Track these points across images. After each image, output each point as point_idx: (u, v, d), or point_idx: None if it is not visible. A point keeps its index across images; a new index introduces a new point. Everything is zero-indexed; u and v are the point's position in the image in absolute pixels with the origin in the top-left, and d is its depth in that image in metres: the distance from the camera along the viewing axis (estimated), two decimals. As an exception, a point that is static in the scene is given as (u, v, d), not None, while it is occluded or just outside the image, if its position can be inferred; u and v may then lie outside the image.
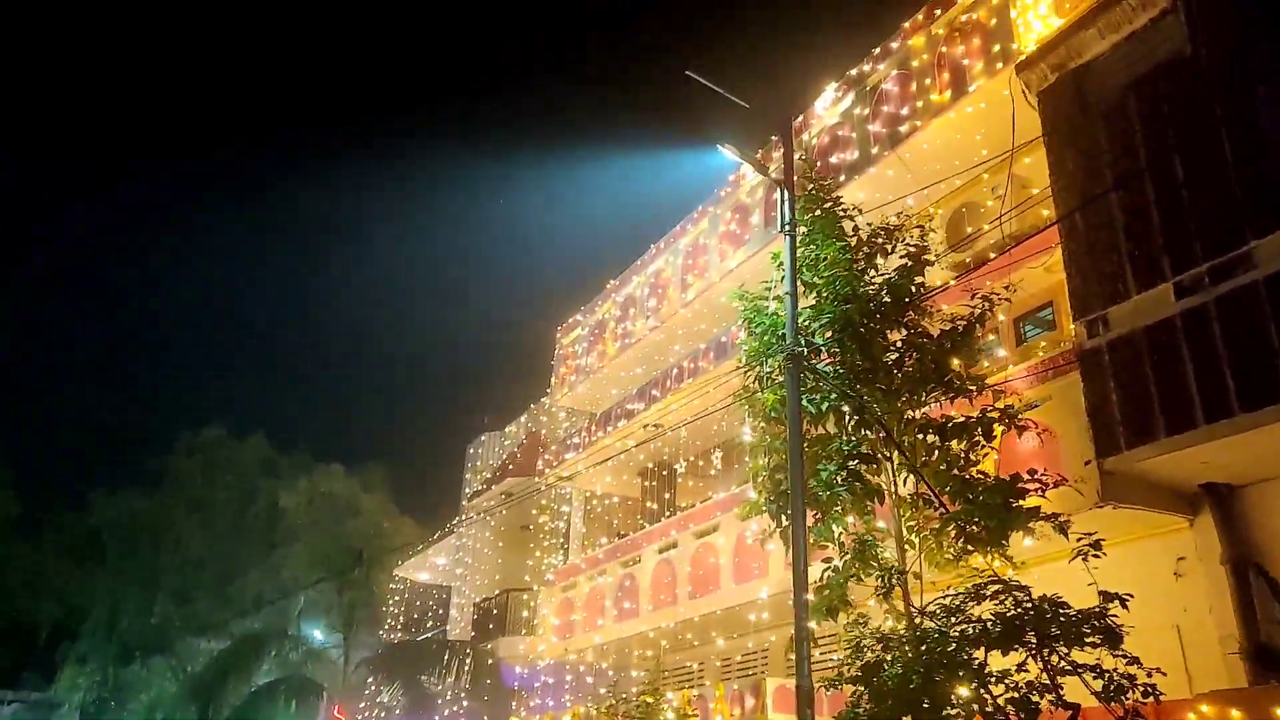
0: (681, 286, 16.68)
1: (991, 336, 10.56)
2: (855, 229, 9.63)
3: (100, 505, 28.22)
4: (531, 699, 20.62)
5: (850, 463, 8.38)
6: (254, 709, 22.54)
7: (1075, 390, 9.28)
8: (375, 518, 27.79)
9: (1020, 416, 8.53)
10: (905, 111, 12.25)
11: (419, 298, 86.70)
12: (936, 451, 8.66)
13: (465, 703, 23.35)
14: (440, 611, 30.76)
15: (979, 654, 6.54)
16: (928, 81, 12.02)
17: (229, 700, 23.10)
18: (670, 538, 15.32)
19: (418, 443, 71.77)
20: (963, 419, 8.64)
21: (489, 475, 26.64)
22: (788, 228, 8.71)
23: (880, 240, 9.49)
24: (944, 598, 7.04)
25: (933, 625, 6.72)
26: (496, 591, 23.84)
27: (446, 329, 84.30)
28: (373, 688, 24.45)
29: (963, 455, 8.61)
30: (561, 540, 21.89)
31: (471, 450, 29.89)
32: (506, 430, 28.22)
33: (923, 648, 6.55)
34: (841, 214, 9.53)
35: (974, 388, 8.71)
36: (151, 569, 26.70)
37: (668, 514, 17.38)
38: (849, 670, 7.24)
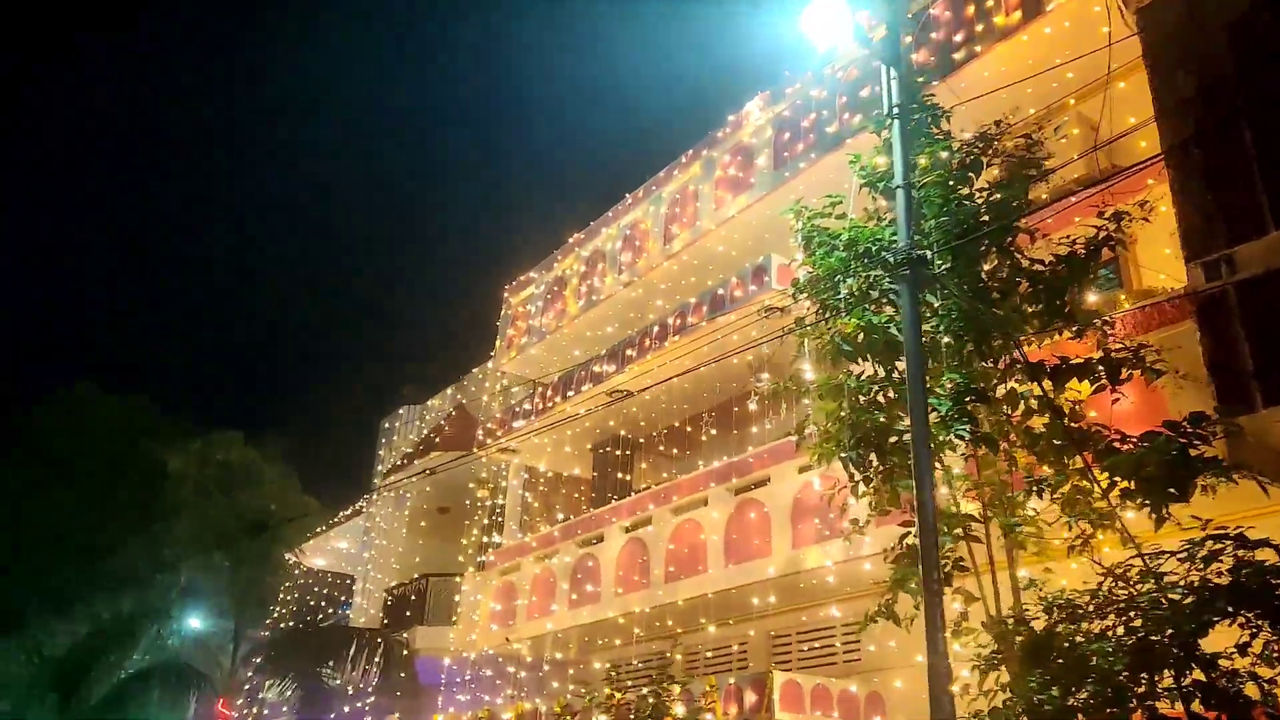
0: (664, 238, 14.98)
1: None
2: (948, 134, 8.13)
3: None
4: (457, 694, 18.48)
5: (968, 400, 6.82)
6: (122, 700, 19.64)
7: (1181, 340, 7.99)
8: (277, 490, 24.98)
9: (1155, 360, 7.14)
10: (960, 38, 10.88)
11: (332, 256, 79.46)
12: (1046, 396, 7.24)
13: (373, 698, 21.00)
14: (341, 599, 28.14)
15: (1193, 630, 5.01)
16: (989, 4, 10.68)
17: (94, 690, 20.14)
18: (644, 513, 13.56)
19: (324, 415, 65.35)
20: (1082, 360, 7.23)
21: (408, 450, 24.33)
22: (896, 110, 7.10)
23: (978, 150, 8.01)
24: (1134, 559, 5.51)
25: (1143, 590, 5.17)
26: (415, 576, 21.59)
27: (363, 292, 77.40)
28: (262, 679, 21.78)
29: (1073, 404, 7.21)
30: (494, 521, 19.83)
31: (386, 424, 27.46)
32: (429, 403, 25.94)
33: (1133, 616, 4.99)
34: (940, 114, 8.01)
35: (1099, 323, 7.29)
36: (3, 537, 23.13)
37: (614, 497, 15.63)
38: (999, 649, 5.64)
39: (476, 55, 75.08)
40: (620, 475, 16.34)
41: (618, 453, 16.30)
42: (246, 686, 22.03)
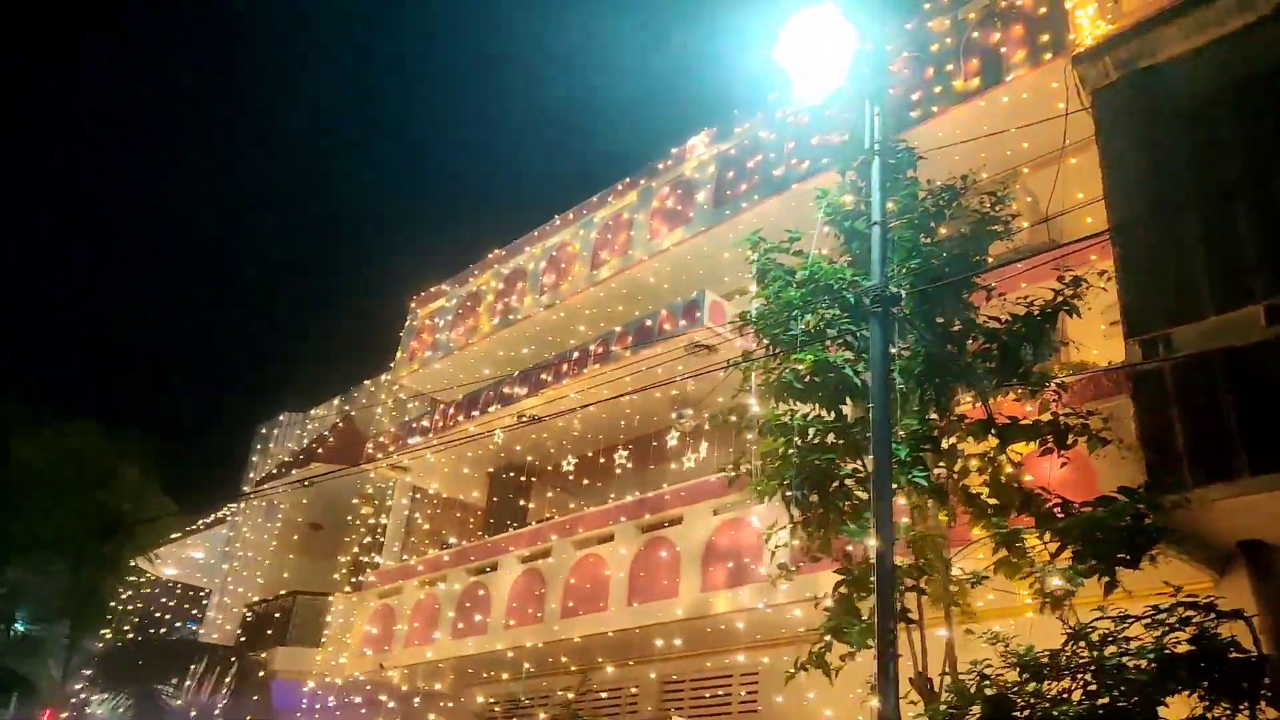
0: (592, 263, 14.63)
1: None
2: (914, 181, 8.08)
3: None
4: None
5: (923, 447, 6.65)
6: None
7: (1116, 413, 8.08)
8: (133, 490, 23.26)
9: (1101, 428, 7.16)
10: (917, 97, 11.00)
11: (224, 244, 73.62)
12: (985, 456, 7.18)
13: (220, 720, 19.51)
14: (191, 613, 26.27)
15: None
16: (949, 67, 10.84)
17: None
18: (545, 544, 13.00)
19: (194, 415, 60.27)
20: (1030, 421, 7.21)
21: (286, 459, 23.05)
22: (877, 146, 6.96)
23: (943, 202, 7.98)
24: (1098, 621, 5.36)
25: (1107, 654, 5.00)
26: (281, 593, 20.27)
27: (251, 288, 72.23)
28: (93, 693, 20.10)
29: (1014, 465, 7.17)
30: (375, 541, 18.82)
31: (264, 430, 26.02)
32: (312, 413, 24.74)
33: (1091, 680, 4.81)
34: (915, 156, 7.96)
35: (1055, 384, 7.28)
36: None
37: (512, 525, 15.04)
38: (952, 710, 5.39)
39: (413, 59, 72.98)
40: (520, 503, 15.75)
41: (520, 479, 15.71)
42: (74, 700, 20.22)
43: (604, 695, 12.30)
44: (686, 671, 11.70)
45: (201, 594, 26.70)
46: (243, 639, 20.03)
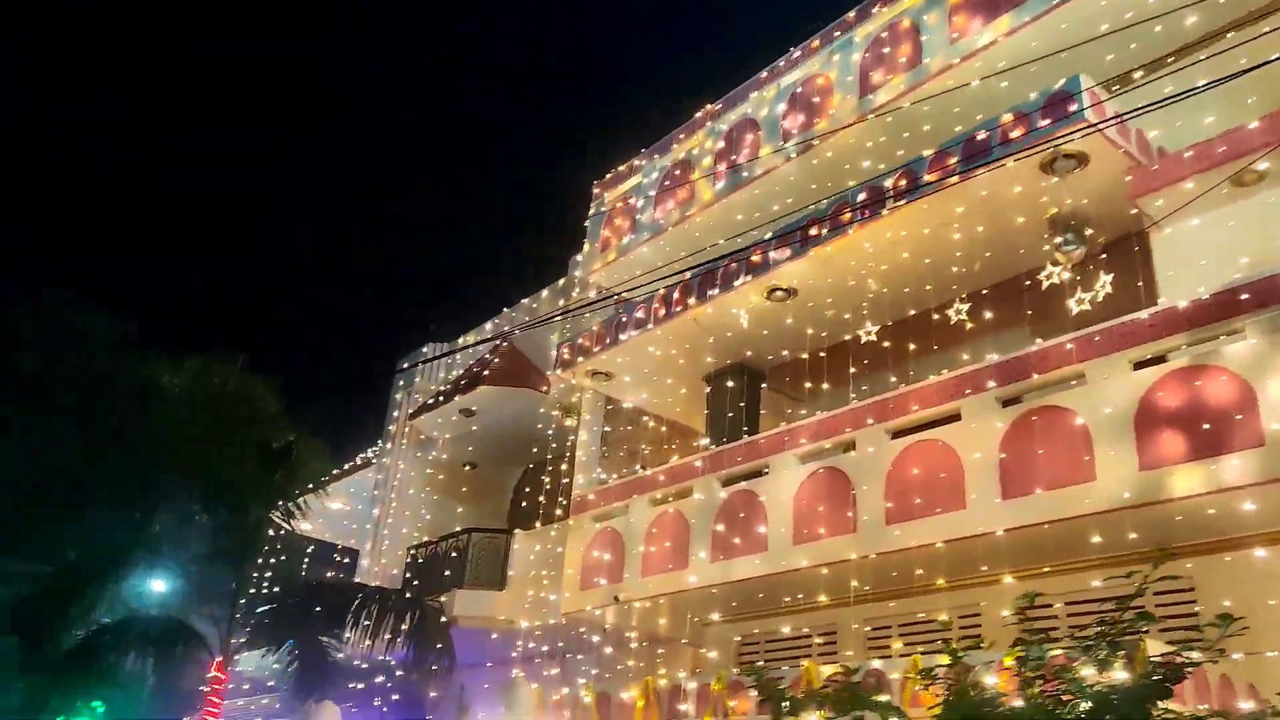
0: (860, 90, 11.58)
1: None
2: None
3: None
4: (516, 670, 14.86)
5: None
6: (95, 650, 15.71)
7: None
8: (283, 429, 20.84)
9: None
10: None
11: (351, 186, 65.89)
12: None
13: (399, 673, 17.27)
14: (334, 567, 24.26)
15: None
16: None
17: (62, 637, 16.11)
18: (843, 435, 10.12)
19: (326, 354, 56.11)
20: None
21: (442, 389, 20.65)
22: None
23: None
24: None
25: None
26: (456, 530, 17.94)
27: (373, 213, 65.49)
28: (256, 643, 17.94)
29: None
30: (554, 472, 16.25)
31: (406, 365, 23.66)
32: (460, 341, 22.27)
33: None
34: None
35: None
36: None
37: (746, 432, 12.17)
38: None
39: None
40: (750, 409, 12.89)
41: (783, 363, 12.75)
42: (237, 652, 18.26)
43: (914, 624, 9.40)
44: (1071, 591, 8.68)
45: (336, 551, 24.76)
46: (414, 582, 17.75)
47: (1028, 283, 9.62)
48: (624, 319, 13.47)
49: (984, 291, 10.02)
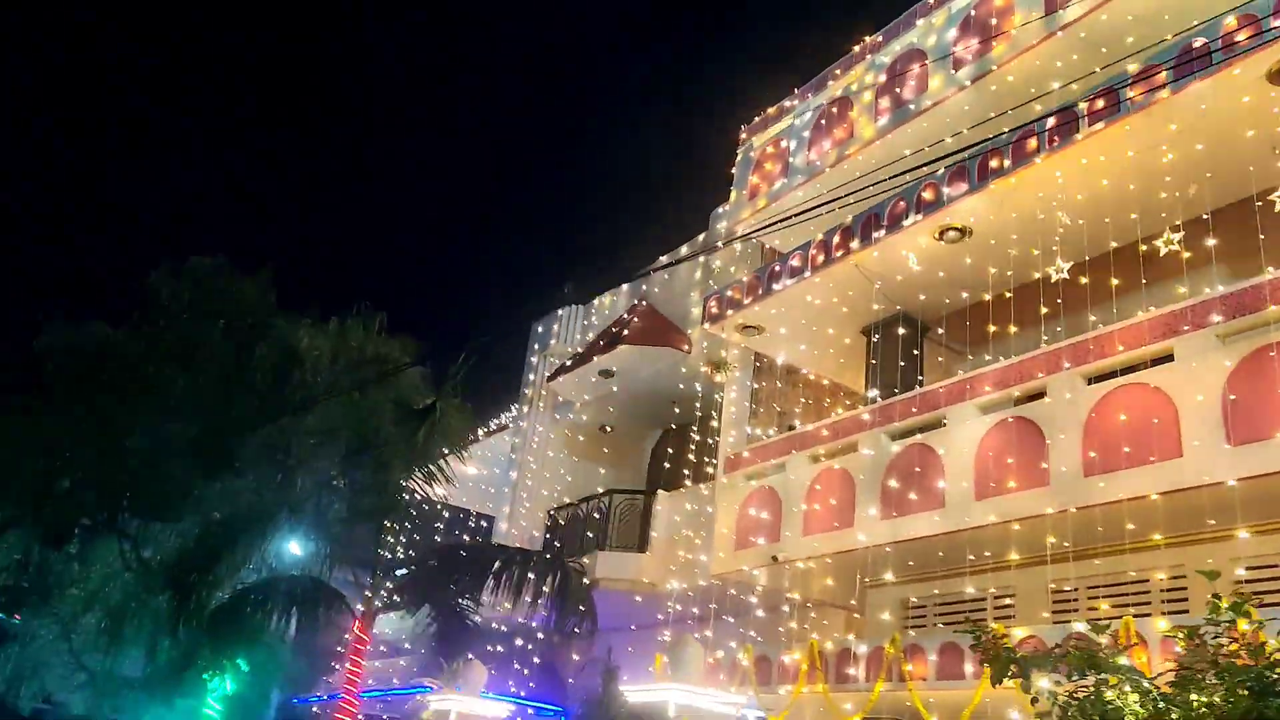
0: (1048, 4, 10.52)
1: None
2: None
3: (49, 331, 20.08)
4: (666, 632, 14.40)
5: None
6: (241, 610, 15.96)
7: None
8: (421, 390, 20.82)
9: None
10: None
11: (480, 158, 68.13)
12: None
13: (540, 635, 17.12)
14: (454, 535, 24.39)
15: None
16: None
17: (208, 596, 16.45)
18: (1033, 382, 9.20)
19: (458, 317, 57.72)
20: None
21: (578, 351, 20.36)
22: None
23: None
24: None
25: None
26: (598, 490, 17.65)
27: (521, 186, 67.19)
28: (394, 605, 18.01)
29: None
30: (701, 432, 15.70)
31: (539, 328, 23.52)
32: (596, 302, 21.94)
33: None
34: None
35: None
36: (109, 419, 18.90)
37: (897, 390, 11.27)
38: None
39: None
40: (915, 364, 12.01)
41: (959, 308, 11.84)
42: (378, 615, 18.44)
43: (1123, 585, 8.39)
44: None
45: (471, 518, 24.88)
46: (555, 544, 17.53)
47: (1259, 204, 8.46)
48: (778, 268, 12.75)
49: (1204, 217, 8.88)
